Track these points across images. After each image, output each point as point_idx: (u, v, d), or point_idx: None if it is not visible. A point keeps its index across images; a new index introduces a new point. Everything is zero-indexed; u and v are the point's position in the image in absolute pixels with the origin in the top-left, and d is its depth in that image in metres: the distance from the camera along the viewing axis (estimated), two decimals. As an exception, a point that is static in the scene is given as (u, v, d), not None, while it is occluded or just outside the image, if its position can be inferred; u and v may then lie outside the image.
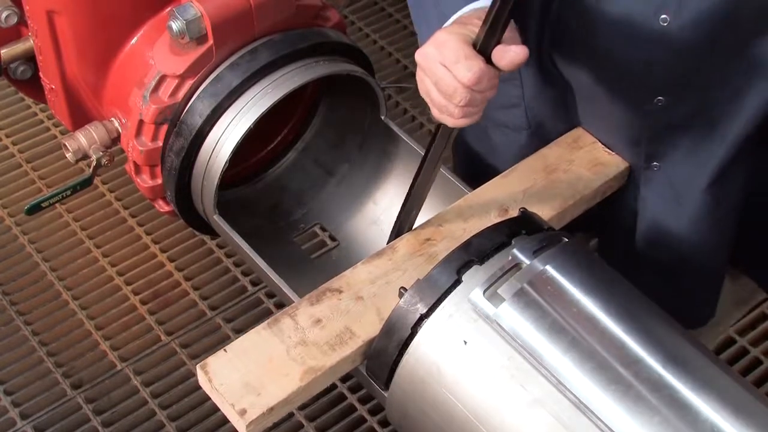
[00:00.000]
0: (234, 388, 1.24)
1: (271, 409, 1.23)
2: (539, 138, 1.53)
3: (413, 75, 2.75)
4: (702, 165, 1.41)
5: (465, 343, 1.21)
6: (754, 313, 2.28)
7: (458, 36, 1.16)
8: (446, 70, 1.16)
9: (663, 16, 1.23)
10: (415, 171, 1.75)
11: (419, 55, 1.19)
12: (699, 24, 1.22)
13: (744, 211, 1.53)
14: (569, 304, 1.20)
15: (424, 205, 1.43)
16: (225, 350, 1.28)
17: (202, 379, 1.26)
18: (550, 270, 1.22)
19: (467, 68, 1.14)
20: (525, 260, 1.23)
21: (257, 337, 1.29)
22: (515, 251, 1.24)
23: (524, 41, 1.22)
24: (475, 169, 1.61)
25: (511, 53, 1.15)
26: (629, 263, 1.56)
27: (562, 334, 1.17)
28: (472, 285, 1.22)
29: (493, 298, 1.20)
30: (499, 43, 1.15)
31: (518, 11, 1.15)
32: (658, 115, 1.36)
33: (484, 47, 1.16)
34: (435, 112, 1.22)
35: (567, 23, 1.34)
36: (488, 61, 1.16)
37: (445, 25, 1.24)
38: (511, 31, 1.18)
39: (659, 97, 1.33)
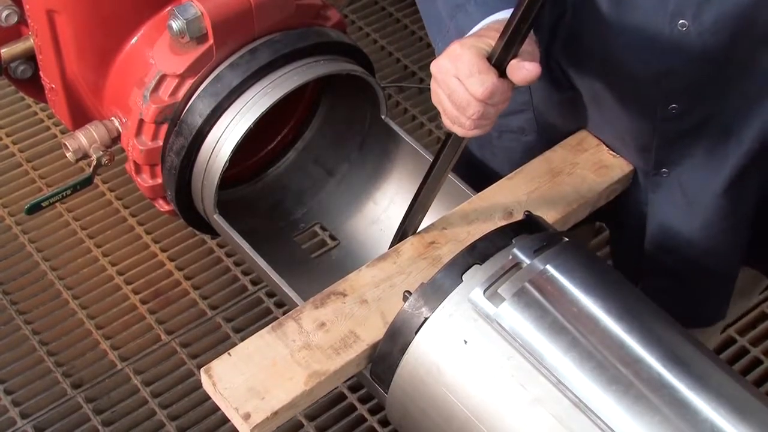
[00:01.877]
0: (238, 392, 1.24)
1: (276, 413, 1.22)
2: (545, 142, 1.53)
3: (413, 74, 2.77)
4: (715, 171, 1.40)
5: (465, 342, 1.21)
6: (754, 313, 2.28)
7: (473, 49, 1.16)
8: (459, 83, 1.16)
9: (681, 21, 1.22)
10: (414, 169, 1.76)
11: (434, 67, 1.20)
12: (718, 29, 1.21)
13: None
14: (569, 303, 1.20)
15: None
16: (229, 354, 1.28)
17: (206, 383, 1.26)
18: (551, 269, 1.22)
19: (480, 83, 1.15)
20: (525, 260, 1.23)
21: (261, 341, 1.29)
22: (515, 251, 1.24)
23: None
24: (477, 173, 1.60)
25: (524, 71, 1.15)
26: (640, 266, 1.56)
27: (562, 333, 1.17)
28: (473, 284, 1.22)
29: (494, 297, 1.20)
30: (515, 56, 1.16)
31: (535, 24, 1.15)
32: (671, 123, 1.35)
33: (499, 61, 1.16)
34: (447, 122, 1.22)
35: (579, 34, 1.34)
36: (503, 74, 1.16)
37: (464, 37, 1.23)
38: (529, 44, 1.18)
39: (673, 105, 1.32)
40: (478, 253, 1.26)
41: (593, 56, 1.35)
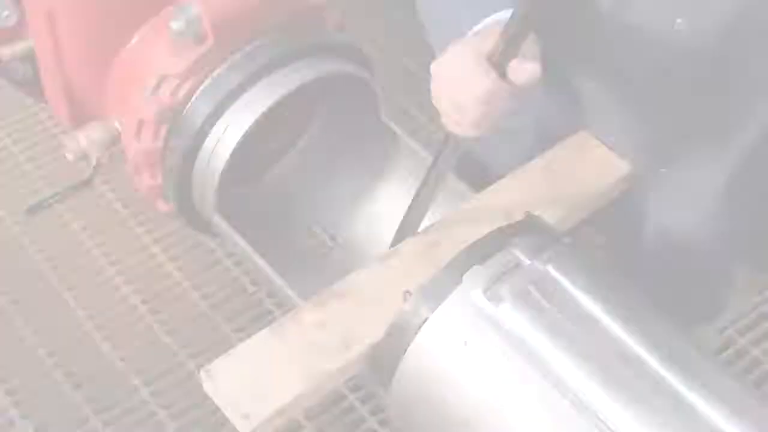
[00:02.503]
0: (238, 393, 1.24)
1: (276, 413, 1.23)
2: (545, 142, 1.53)
3: (413, 75, 2.76)
4: (714, 171, 1.40)
5: (465, 343, 1.21)
6: (754, 313, 2.28)
7: (473, 50, 1.17)
8: (459, 84, 1.16)
9: (679, 21, 1.22)
10: (414, 169, 1.76)
11: (434, 67, 1.20)
12: (715, 28, 1.22)
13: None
14: (569, 304, 1.20)
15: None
16: (229, 354, 1.28)
17: (205, 383, 1.26)
18: (551, 270, 1.22)
19: (480, 83, 1.15)
20: (525, 260, 1.23)
21: (261, 341, 1.29)
22: (515, 251, 1.24)
23: None
24: (478, 173, 1.60)
25: (525, 71, 1.15)
26: (638, 265, 1.56)
27: (562, 333, 1.17)
28: (473, 285, 1.22)
29: (494, 298, 1.20)
30: (515, 56, 1.16)
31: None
32: (670, 122, 1.36)
33: (499, 61, 1.16)
34: (446, 123, 1.22)
35: (578, 33, 1.34)
36: (503, 74, 1.16)
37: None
38: (529, 44, 1.18)
39: (671, 104, 1.33)
40: (478, 253, 1.26)
41: (592, 56, 1.35)
